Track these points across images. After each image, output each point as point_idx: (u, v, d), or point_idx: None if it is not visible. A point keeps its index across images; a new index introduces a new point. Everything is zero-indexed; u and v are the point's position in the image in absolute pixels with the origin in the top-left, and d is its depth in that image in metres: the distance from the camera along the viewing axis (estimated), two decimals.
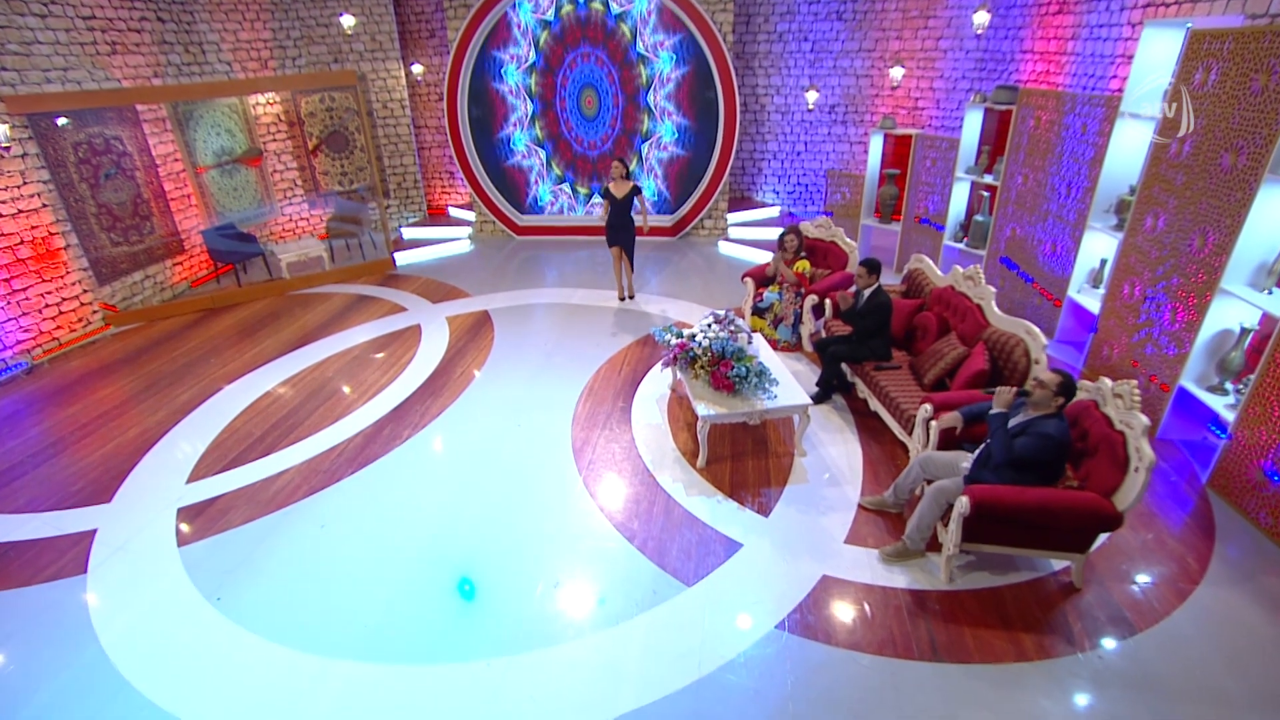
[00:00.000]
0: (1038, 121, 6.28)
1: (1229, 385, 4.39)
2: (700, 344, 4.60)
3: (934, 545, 3.75)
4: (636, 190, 7.07)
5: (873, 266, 4.92)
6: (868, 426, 5.01)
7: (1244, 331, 4.25)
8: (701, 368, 4.60)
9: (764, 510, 4.17)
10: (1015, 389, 3.53)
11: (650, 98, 9.25)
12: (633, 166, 9.68)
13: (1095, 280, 5.84)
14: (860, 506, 4.18)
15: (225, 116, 8.52)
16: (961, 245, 7.46)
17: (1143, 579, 3.61)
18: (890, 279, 6.68)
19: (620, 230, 7.21)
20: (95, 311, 7.15)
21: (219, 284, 8.38)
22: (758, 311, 6.40)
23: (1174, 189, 4.70)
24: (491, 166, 9.70)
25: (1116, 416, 3.36)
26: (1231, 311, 4.32)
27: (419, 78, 9.88)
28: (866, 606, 3.45)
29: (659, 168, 9.71)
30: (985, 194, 7.06)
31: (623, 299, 7.64)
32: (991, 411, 3.56)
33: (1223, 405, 4.31)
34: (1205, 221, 4.42)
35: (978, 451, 3.61)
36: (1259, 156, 4.00)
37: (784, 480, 4.45)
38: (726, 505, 4.23)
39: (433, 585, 3.68)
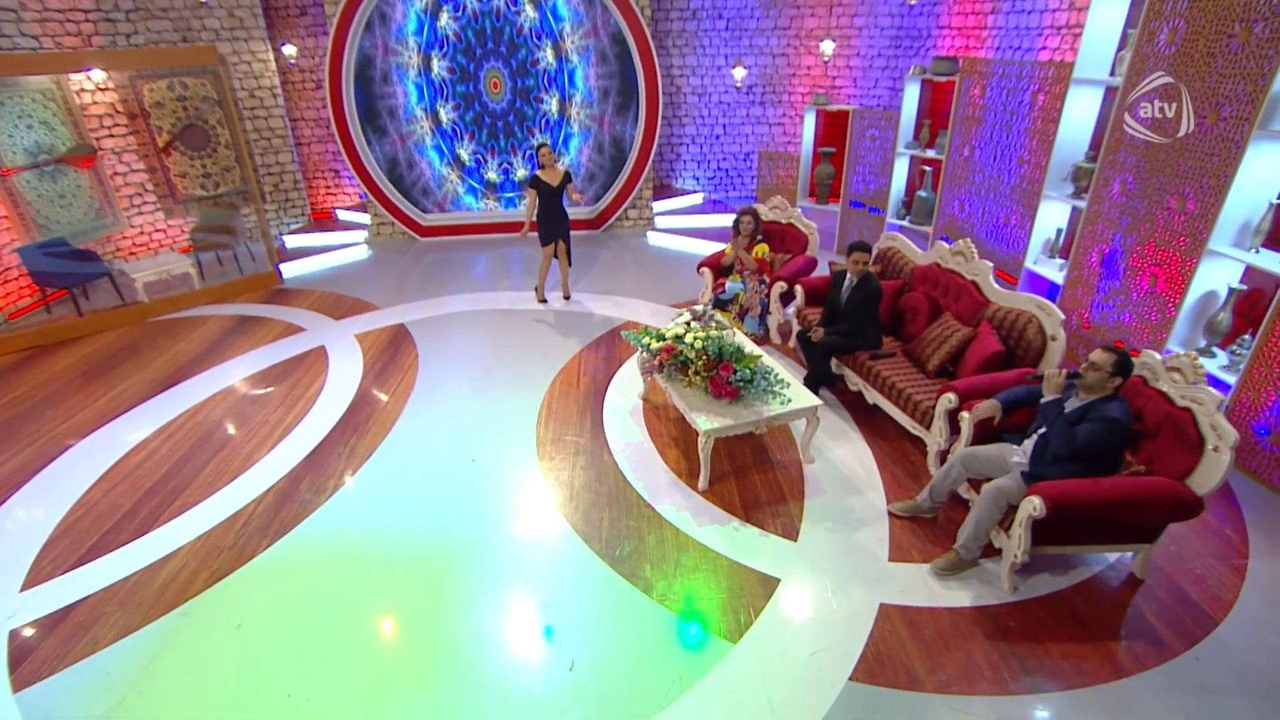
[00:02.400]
0: (982, 92, 6.16)
1: (1216, 348, 4.36)
2: (691, 346, 3.97)
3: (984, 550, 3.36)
4: (569, 177, 6.36)
5: (869, 249, 4.51)
6: (868, 422, 4.60)
7: (1231, 292, 4.21)
8: (696, 374, 3.97)
9: (790, 533, 3.62)
10: (1066, 372, 3.19)
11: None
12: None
13: (1051, 250, 5.80)
14: (891, 514, 3.73)
15: (38, 105, 6.81)
16: (905, 222, 7.31)
17: (1194, 559, 3.40)
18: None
19: (557, 222, 6.46)
20: None
21: (49, 314, 6.72)
22: (720, 304, 5.85)
23: (1144, 152, 4.63)
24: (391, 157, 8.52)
25: (1176, 393, 3.09)
26: (1217, 273, 4.27)
27: (292, 61, 8.50)
28: (939, 635, 2.98)
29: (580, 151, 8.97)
30: (927, 169, 6.92)
31: (543, 300, 6.85)
32: (1044, 400, 3.19)
33: (1216, 368, 4.26)
34: (1183, 183, 4.35)
35: (1032, 444, 3.25)
36: (1243, 114, 3.93)
37: (799, 494, 3.92)
38: (746, 532, 3.63)
39: (406, 695, 2.81)
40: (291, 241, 8.67)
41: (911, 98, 6.97)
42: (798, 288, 5.43)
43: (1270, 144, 3.88)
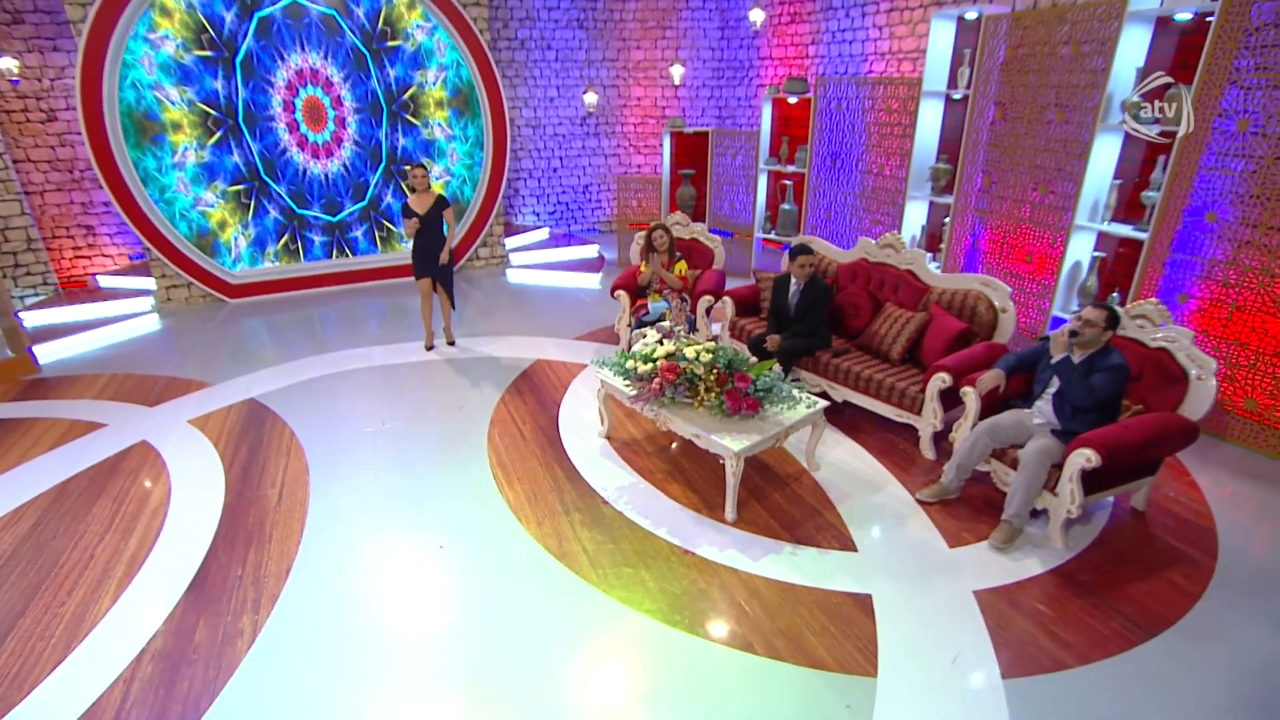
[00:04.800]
0: (839, 107, 6.73)
1: None
2: (699, 361, 3.57)
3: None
4: (444, 203, 5.55)
5: (812, 251, 4.51)
6: (839, 420, 4.54)
7: (1095, 260, 4.98)
8: (709, 390, 3.57)
9: (846, 545, 3.36)
10: (1068, 330, 3.41)
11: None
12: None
13: (918, 246, 6.45)
14: (920, 502, 3.67)
15: None
16: (772, 235, 7.68)
17: (1157, 484, 3.80)
18: (737, 281, 6.51)
19: (431, 256, 5.60)
20: None
21: None
22: (644, 326, 5.51)
23: (1003, 149, 5.35)
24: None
25: (1146, 336, 3.47)
26: (1080, 245, 5.02)
27: (13, 79, 6.40)
28: (1043, 608, 2.93)
29: None
30: (788, 183, 7.36)
31: (430, 346, 5.96)
32: (1054, 360, 3.38)
33: None
34: (1042, 173, 5.08)
35: (1050, 404, 3.41)
36: (1085, 112, 4.70)
37: (827, 503, 3.70)
38: (804, 554, 3.30)
39: None
40: (32, 319, 6.43)
41: (767, 117, 7.40)
42: (727, 300, 5.32)
43: (1109, 135, 4.69)
